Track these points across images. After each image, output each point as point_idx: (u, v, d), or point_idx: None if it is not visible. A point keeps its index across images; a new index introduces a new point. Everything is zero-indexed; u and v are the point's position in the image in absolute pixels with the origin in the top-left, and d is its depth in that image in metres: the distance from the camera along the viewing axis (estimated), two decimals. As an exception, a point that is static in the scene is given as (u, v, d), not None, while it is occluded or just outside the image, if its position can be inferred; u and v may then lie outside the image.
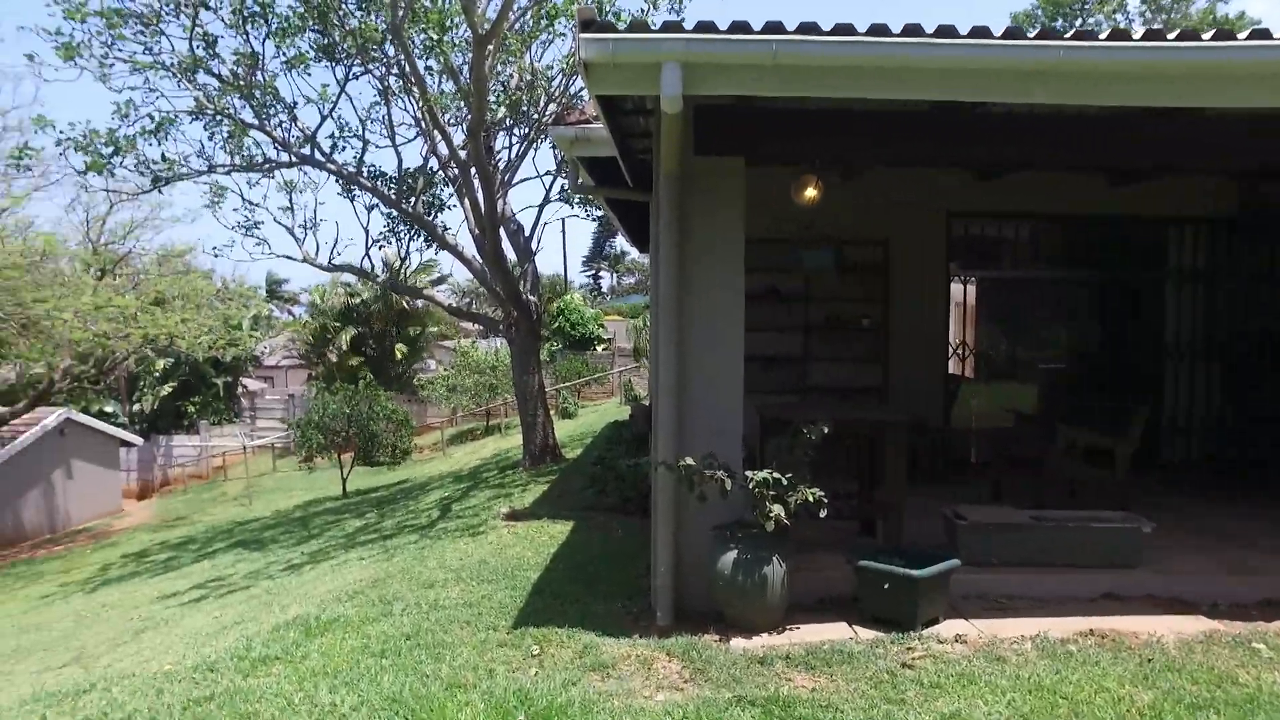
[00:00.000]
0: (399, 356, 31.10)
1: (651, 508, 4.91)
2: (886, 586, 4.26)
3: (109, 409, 27.61)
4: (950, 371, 8.73)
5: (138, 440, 24.64)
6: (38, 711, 4.31)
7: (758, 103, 4.59)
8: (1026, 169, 6.61)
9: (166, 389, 29.27)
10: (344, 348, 30.24)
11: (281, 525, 13.76)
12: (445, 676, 3.85)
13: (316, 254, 14.24)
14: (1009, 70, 3.79)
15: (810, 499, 4.20)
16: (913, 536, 5.23)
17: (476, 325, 28.17)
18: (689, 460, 4.30)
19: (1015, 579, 4.78)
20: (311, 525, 12.63)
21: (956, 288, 8.75)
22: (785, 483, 4.19)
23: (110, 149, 12.16)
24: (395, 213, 14.16)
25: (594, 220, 16.78)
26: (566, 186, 13.73)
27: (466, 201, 12.64)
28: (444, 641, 4.37)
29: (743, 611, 4.33)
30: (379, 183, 13.60)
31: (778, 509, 4.12)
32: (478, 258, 13.30)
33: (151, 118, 12.42)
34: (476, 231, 12.58)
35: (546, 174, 14.22)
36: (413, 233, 14.74)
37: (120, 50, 11.94)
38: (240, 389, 32.68)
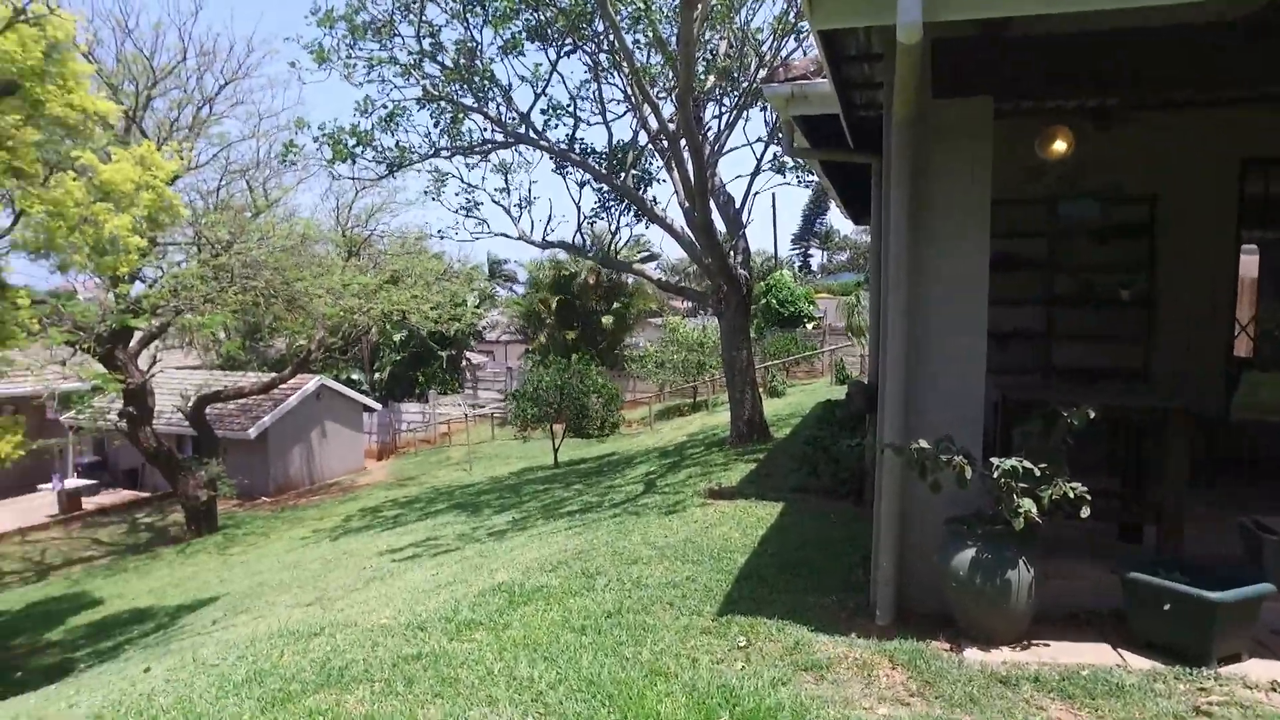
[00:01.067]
0: (607, 331, 31.91)
1: (873, 494, 4.42)
2: (1167, 607, 3.51)
3: (355, 377, 30.69)
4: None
5: (377, 406, 27.19)
6: (278, 646, 4.63)
7: (1008, 32, 3.93)
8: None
9: (399, 359, 32.01)
10: (556, 323, 31.48)
11: (496, 491, 14.49)
12: (646, 662, 3.64)
13: (531, 231, 14.76)
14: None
15: (1070, 495, 3.54)
16: (1187, 547, 4.35)
17: (685, 301, 28.25)
18: (922, 443, 3.76)
19: (1349, 614, 3.80)
20: (523, 493, 13.16)
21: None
22: (1038, 474, 3.56)
23: (354, 141, 13.36)
24: (606, 188, 14.33)
25: (806, 187, 16.13)
26: (779, 154, 13.20)
27: (676, 174, 12.48)
28: (645, 623, 4.17)
29: (979, 619, 3.76)
30: (590, 159, 13.79)
31: (1029, 504, 3.50)
32: (687, 231, 13.14)
33: (385, 106, 13.47)
34: (686, 204, 12.41)
35: (758, 141, 13.84)
36: (623, 207, 14.87)
37: (360, 50, 13.06)
38: (464, 361, 35.08)
